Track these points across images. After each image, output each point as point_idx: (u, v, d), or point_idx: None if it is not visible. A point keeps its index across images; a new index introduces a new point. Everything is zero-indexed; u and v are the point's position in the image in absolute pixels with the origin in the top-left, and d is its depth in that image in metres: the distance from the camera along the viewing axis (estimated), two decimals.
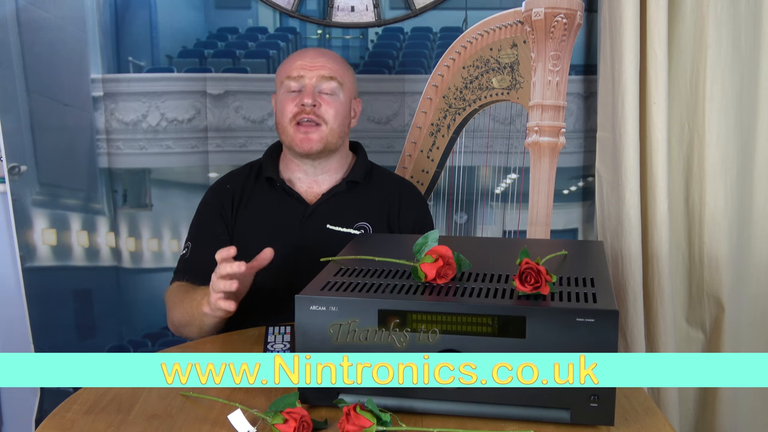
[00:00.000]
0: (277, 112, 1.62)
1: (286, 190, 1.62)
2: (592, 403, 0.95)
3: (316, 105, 1.56)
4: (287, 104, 1.58)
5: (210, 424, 0.99)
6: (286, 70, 1.61)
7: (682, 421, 2.01)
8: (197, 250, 1.59)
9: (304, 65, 1.58)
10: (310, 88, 1.57)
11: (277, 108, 1.62)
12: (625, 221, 1.86)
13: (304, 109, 1.56)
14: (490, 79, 1.99)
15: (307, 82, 1.57)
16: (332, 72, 1.59)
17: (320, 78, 1.58)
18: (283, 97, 1.60)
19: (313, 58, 1.60)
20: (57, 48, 1.92)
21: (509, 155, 2.03)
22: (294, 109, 1.57)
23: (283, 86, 1.60)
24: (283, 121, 1.59)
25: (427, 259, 1.05)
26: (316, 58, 1.60)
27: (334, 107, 1.58)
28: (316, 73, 1.58)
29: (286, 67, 1.61)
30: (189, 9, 1.94)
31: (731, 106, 1.86)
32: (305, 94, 1.56)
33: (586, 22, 1.96)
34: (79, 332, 2.04)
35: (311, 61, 1.59)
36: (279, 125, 1.61)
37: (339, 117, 1.59)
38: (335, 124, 1.58)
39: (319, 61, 1.59)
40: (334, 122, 1.58)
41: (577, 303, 0.95)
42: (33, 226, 1.98)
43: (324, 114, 1.57)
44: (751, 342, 1.94)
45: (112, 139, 1.96)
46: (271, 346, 1.21)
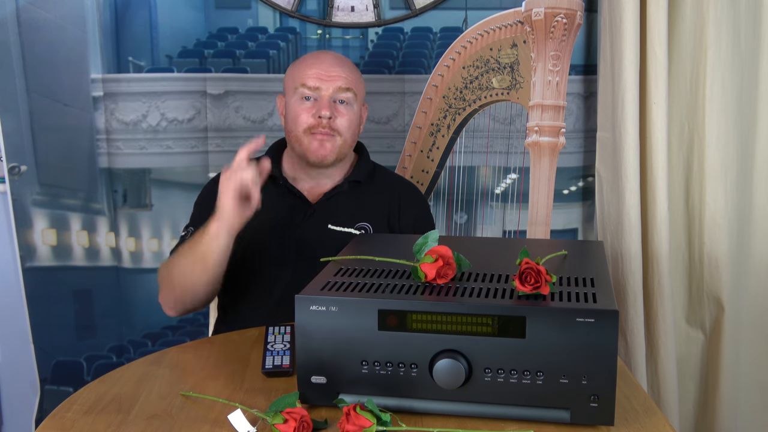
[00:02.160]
0: (289, 119, 1.60)
1: (288, 188, 1.62)
2: (592, 403, 0.95)
3: (332, 117, 1.55)
4: (302, 113, 1.56)
5: (210, 424, 0.99)
6: (301, 76, 1.57)
7: (682, 421, 2.01)
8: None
9: (320, 75, 1.55)
10: (327, 99, 1.55)
11: (289, 114, 1.59)
12: (625, 221, 1.86)
13: (321, 122, 1.55)
14: (490, 79, 1.99)
15: (324, 93, 1.55)
16: (349, 83, 1.57)
17: (337, 89, 1.55)
18: (296, 104, 1.57)
19: (329, 67, 1.57)
20: (57, 48, 1.92)
21: (509, 155, 2.03)
22: (310, 120, 1.55)
23: (297, 93, 1.57)
24: (296, 130, 1.57)
25: (427, 259, 1.04)
26: (333, 67, 1.57)
27: (348, 118, 1.57)
28: (333, 84, 1.55)
29: (301, 73, 1.58)
30: (189, 9, 1.94)
31: (731, 106, 1.86)
32: (323, 107, 1.54)
33: (586, 22, 1.96)
34: (79, 332, 2.04)
35: (327, 71, 1.56)
36: (291, 133, 1.59)
37: (352, 127, 1.59)
38: (348, 135, 1.58)
39: (335, 71, 1.56)
40: (347, 133, 1.57)
41: (577, 303, 0.95)
42: (33, 226, 1.98)
43: (339, 126, 1.56)
44: (751, 342, 1.94)
45: (112, 139, 1.96)
46: (271, 346, 1.21)
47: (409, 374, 0.98)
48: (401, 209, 1.64)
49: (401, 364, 0.98)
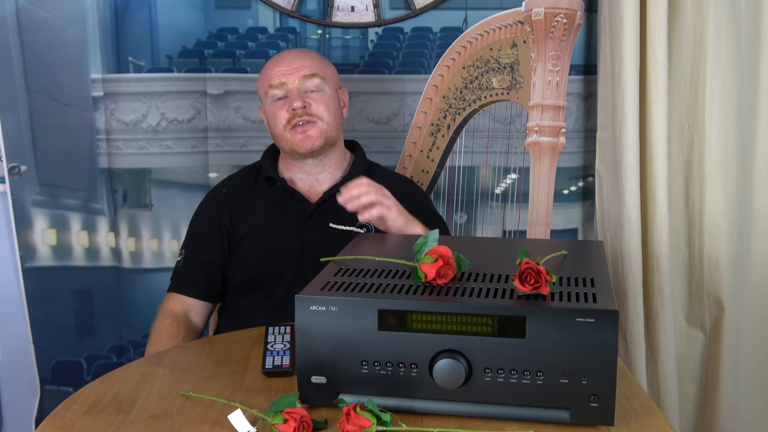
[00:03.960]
0: (270, 123, 1.62)
1: (287, 190, 1.62)
2: (592, 403, 0.95)
3: (306, 106, 1.57)
4: (278, 112, 1.58)
5: (210, 424, 0.99)
6: (266, 79, 1.61)
7: (682, 421, 2.01)
8: (190, 259, 1.61)
9: (283, 71, 1.58)
10: (296, 91, 1.57)
11: (268, 118, 1.62)
12: (625, 221, 1.86)
13: (296, 113, 1.56)
14: (490, 79, 1.99)
15: (291, 86, 1.58)
16: (312, 69, 1.59)
17: (302, 78, 1.58)
18: (271, 106, 1.60)
19: (290, 61, 1.60)
20: (57, 48, 1.92)
21: (509, 155, 2.03)
22: (286, 116, 1.57)
23: (269, 96, 1.60)
24: (277, 129, 1.59)
25: (427, 259, 1.04)
26: (293, 60, 1.60)
27: (324, 102, 1.59)
28: (297, 75, 1.58)
29: (266, 76, 1.61)
30: (189, 9, 1.94)
31: (731, 106, 1.86)
32: (293, 98, 1.57)
33: (586, 22, 1.96)
34: (79, 332, 2.04)
35: (289, 65, 1.59)
36: (275, 135, 1.61)
37: (331, 110, 1.60)
38: (330, 118, 1.59)
39: (297, 63, 1.59)
40: (328, 116, 1.59)
41: (577, 303, 0.95)
42: (33, 226, 1.98)
43: (316, 111, 1.58)
44: (751, 342, 1.94)
45: (112, 139, 1.96)
46: (271, 346, 1.21)
47: (409, 374, 0.98)
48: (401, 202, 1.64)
49: (401, 364, 0.98)
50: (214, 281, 1.61)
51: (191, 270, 1.61)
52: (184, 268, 1.61)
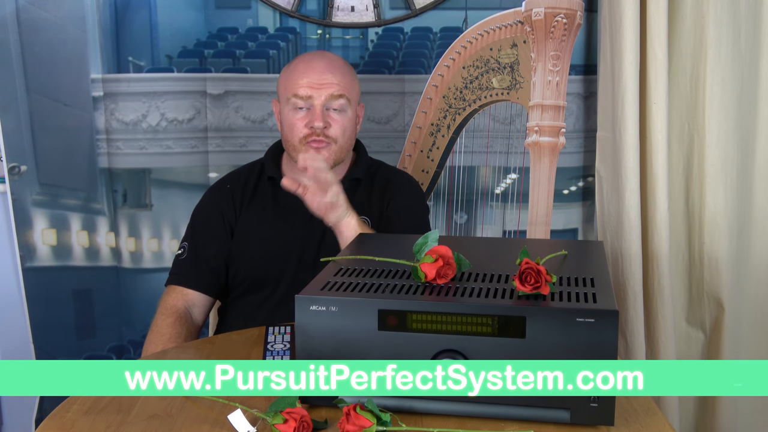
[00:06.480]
0: (284, 128, 1.59)
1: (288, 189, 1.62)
2: (592, 403, 0.95)
3: (326, 126, 1.55)
4: (296, 123, 1.56)
5: (210, 424, 0.99)
6: (292, 87, 1.57)
7: (682, 422, 2.01)
8: (194, 252, 1.60)
9: (311, 84, 1.55)
10: (320, 108, 1.55)
11: (284, 123, 1.59)
12: (625, 221, 1.86)
13: (315, 132, 1.55)
14: (490, 79, 1.99)
15: (316, 102, 1.55)
16: (341, 89, 1.56)
17: (329, 97, 1.55)
18: (290, 113, 1.57)
19: (320, 74, 1.56)
20: (57, 48, 1.92)
21: (509, 155, 2.03)
22: (305, 131, 1.55)
23: (290, 103, 1.57)
24: (292, 139, 1.57)
25: (427, 259, 1.04)
26: (324, 74, 1.56)
27: (342, 125, 1.57)
28: (325, 92, 1.55)
29: (292, 82, 1.57)
30: (189, 9, 1.94)
31: (731, 106, 1.86)
32: (315, 117, 1.54)
33: (586, 22, 1.96)
34: (79, 332, 2.04)
35: (319, 79, 1.55)
36: (287, 142, 1.59)
37: (347, 133, 1.59)
38: (343, 141, 1.58)
39: (327, 78, 1.55)
40: (342, 139, 1.57)
41: (577, 303, 0.95)
42: (33, 226, 1.98)
43: (333, 134, 1.56)
44: (751, 342, 1.94)
45: (112, 139, 1.96)
46: (271, 346, 1.21)
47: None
48: (393, 196, 1.64)
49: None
50: (218, 275, 1.60)
51: (196, 262, 1.59)
52: (188, 261, 1.59)
